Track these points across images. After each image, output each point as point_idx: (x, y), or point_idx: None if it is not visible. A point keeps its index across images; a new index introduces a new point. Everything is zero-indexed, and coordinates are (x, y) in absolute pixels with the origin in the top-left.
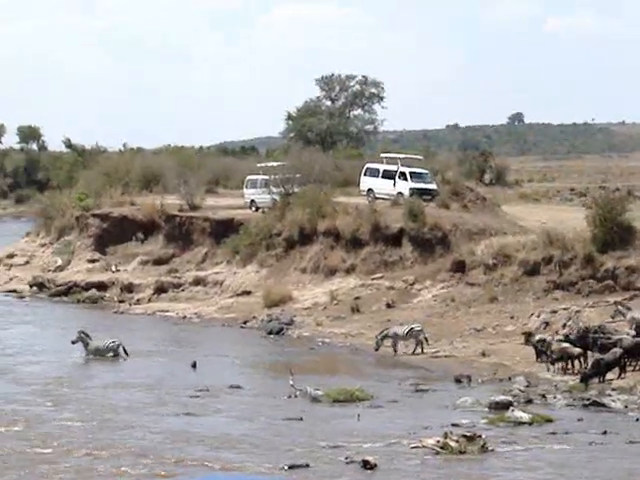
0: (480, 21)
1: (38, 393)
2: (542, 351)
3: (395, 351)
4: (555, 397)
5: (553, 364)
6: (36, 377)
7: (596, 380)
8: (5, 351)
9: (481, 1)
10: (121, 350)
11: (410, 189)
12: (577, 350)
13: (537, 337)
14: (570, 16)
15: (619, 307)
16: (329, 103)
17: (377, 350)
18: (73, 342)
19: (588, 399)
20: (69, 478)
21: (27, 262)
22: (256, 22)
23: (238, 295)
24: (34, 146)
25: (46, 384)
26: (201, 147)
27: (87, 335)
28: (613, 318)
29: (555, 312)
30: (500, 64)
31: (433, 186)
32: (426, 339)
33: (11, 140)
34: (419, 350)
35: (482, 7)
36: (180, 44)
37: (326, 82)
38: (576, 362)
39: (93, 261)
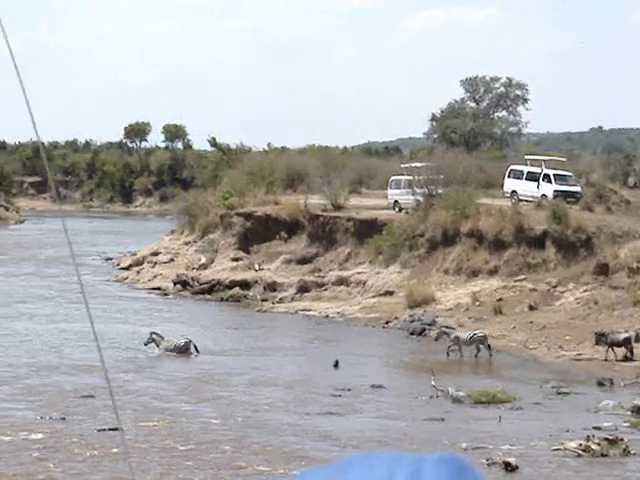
0: (627, 21)
1: (181, 390)
2: None
3: (460, 353)
4: None
5: None
6: (179, 374)
7: None
8: (147, 349)
9: (629, 1)
10: (192, 347)
11: (554, 191)
12: None
13: None
14: None
15: None
16: (473, 105)
17: (436, 340)
18: (145, 344)
19: None
20: (210, 474)
21: (171, 260)
22: (400, 24)
23: (381, 295)
24: (179, 145)
25: (189, 381)
26: (345, 147)
27: (159, 335)
28: None
29: None
30: None
31: (577, 188)
32: (489, 346)
33: (157, 139)
34: (486, 354)
35: (630, 7)
36: (324, 44)
37: (470, 84)
38: None
39: (237, 259)
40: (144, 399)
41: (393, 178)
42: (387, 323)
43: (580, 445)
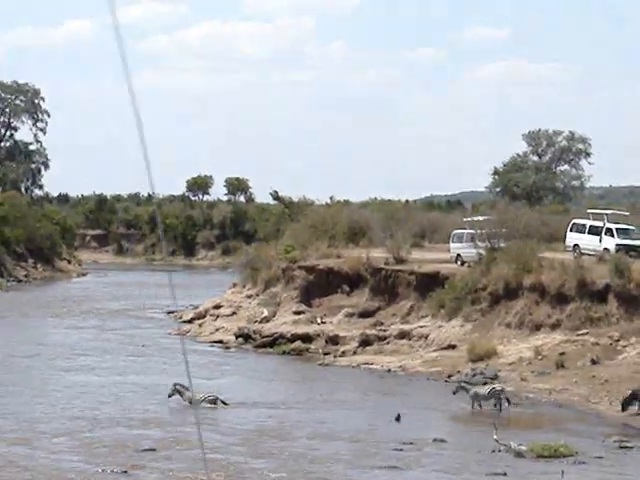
0: None
1: (241, 443)
2: None
3: (480, 407)
4: None
5: None
6: (240, 427)
7: None
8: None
9: None
10: (219, 402)
11: (616, 245)
12: None
13: None
14: None
15: None
16: (536, 158)
17: (454, 394)
18: (170, 395)
19: None
20: None
21: (233, 313)
22: (462, 77)
23: (443, 349)
24: (241, 198)
25: (249, 434)
26: (407, 200)
27: (184, 386)
28: None
29: None
30: None
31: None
32: (507, 399)
33: (219, 192)
34: (504, 406)
35: None
36: (385, 96)
37: (533, 137)
38: None
39: (299, 313)
40: (208, 452)
41: (455, 232)
42: (449, 377)
43: None
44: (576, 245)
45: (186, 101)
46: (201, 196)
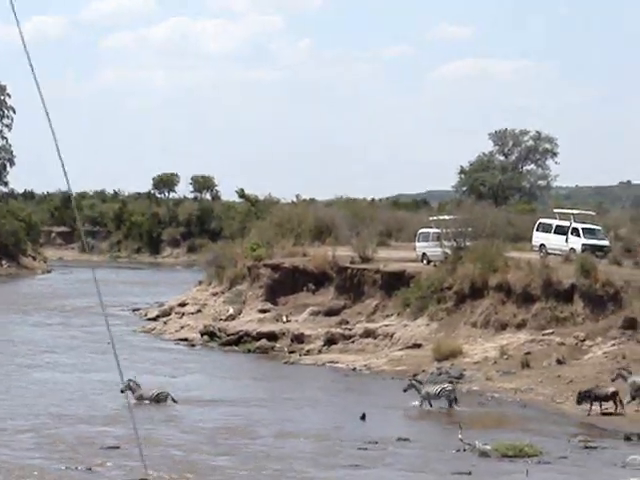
0: None
1: (206, 441)
2: None
3: (430, 406)
4: None
5: None
6: (204, 425)
7: None
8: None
9: None
10: (169, 399)
11: (582, 245)
12: None
13: None
14: None
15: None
16: (502, 158)
17: (405, 391)
18: (122, 391)
19: None
20: None
21: (199, 311)
22: (430, 74)
23: (408, 348)
24: (207, 196)
25: (214, 432)
26: (373, 199)
27: (136, 383)
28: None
29: None
30: None
31: (606, 242)
32: (456, 399)
33: (185, 189)
34: (454, 406)
35: None
36: (352, 94)
37: (499, 137)
38: None
39: (264, 311)
40: (170, 450)
41: (421, 231)
42: (414, 376)
43: None
44: (542, 245)
45: (151, 98)
46: (167, 193)
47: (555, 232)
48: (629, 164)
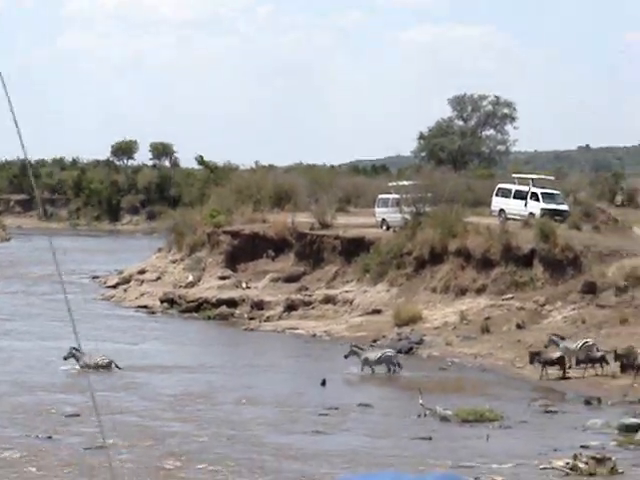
0: (612, 40)
1: (167, 408)
2: None
3: (373, 372)
4: None
5: None
6: (165, 391)
7: None
8: (135, 367)
9: (616, 21)
10: (113, 366)
11: (542, 210)
12: None
13: None
14: None
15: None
16: (461, 123)
17: (346, 357)
18: (65, 358)
19: None
20: None
21: (158, 278)
22: (390, 40)
23: (368, 314)
24: (166, 163)
25: (175, 399)
26: (333, 166)
27: (79, 351)
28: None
29: None
30: (633, 85)
31: (565, 207)
32: (399, 364)
33: (144, 157)
34: (396, 371)
35: (616, 26)
36: (312, 60)
37: (458, 102)
38: None
39: (224, 278)
40: (130, 417)
41: (381, 196)
42: (374, 342)
43: (567, 464)
44: (502, 210)
45: (109, 65)
46: (126, 161)
47: (514, 197)
48: (588, 128)
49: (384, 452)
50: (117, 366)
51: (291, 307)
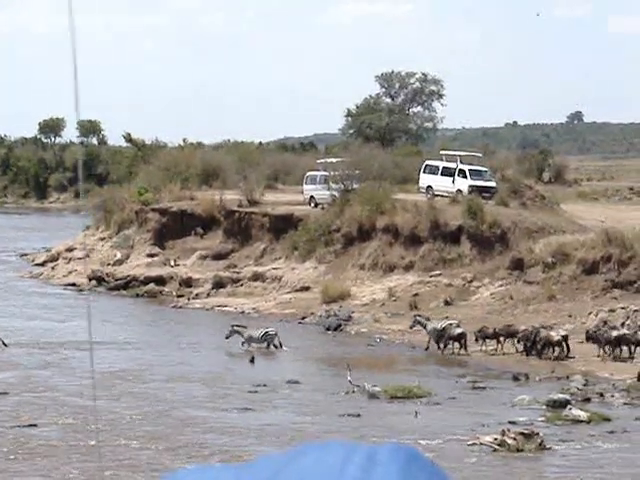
0: (540, 19)
1: (96, 386)
2: None
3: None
4: (613, 396)
5: None
6: (95, 370)
7: None
8: (62, 344)
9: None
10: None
11: (469, 186)
12: None
13: None
14: (632, 15)
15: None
16: (389, 100)
17: (227, 338)
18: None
19: None
20: (124, 470)
21: (86, 256)
22: (314, 19)
23: (296, 291)
24: (94, 140)
25: (103, 376)
26: (260, 143)
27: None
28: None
29: (613, 311)
30: (560, 62)
31: (492, 184)
32: (280, 344)
33: (71, 134)
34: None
35: (544, 5)
36: (239, 38)
37: (386, 79)
38: None
39: (152, 255)
40: (58, 395)
41: (309, 174)
42: (303, 319)
43: (495, 440)
44: (429, 187)
45: (36, 42)
46: (53, 138)
47: (442, 174)
48: (515, 105)
49: (314, 428)
50: (4, 343)
51: (219, 284)
